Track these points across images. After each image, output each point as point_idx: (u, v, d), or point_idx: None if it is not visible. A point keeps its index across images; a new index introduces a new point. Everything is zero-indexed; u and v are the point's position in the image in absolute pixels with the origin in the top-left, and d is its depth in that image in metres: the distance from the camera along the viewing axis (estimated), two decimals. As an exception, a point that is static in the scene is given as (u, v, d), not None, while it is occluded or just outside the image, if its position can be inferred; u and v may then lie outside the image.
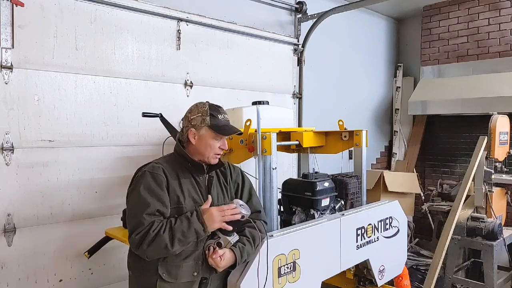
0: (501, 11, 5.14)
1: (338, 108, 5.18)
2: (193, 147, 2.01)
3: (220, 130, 2.00)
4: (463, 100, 5.13)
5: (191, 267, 1.91)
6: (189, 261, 1.90)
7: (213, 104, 2.05)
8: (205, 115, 1.98)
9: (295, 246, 2.05)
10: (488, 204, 4.07)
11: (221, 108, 2.07)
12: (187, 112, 2.05)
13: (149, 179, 1.88)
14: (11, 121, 2.59)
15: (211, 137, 1.99)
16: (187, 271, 1.90)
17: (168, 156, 2.08)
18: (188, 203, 1.93)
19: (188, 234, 1.82)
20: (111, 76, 3.04)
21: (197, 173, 2.03)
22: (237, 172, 2.21)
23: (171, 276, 1.88)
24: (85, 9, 2.88)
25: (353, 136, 2.80)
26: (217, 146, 2.01)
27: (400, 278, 2.87)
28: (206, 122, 1.97)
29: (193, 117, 2.00)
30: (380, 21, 6.05)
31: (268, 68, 4.17)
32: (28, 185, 2.67)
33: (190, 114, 2.03)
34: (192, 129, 1.99)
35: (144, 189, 1.86)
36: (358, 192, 2.80)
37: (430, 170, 6.04)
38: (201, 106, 2.02)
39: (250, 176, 2.32)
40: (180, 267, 1.89)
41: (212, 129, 1.98)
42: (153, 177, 1.89)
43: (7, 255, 2.60)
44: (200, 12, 3.54)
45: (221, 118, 2.01)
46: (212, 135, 1.99)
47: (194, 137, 1.99)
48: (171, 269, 1.88)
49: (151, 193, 1.85)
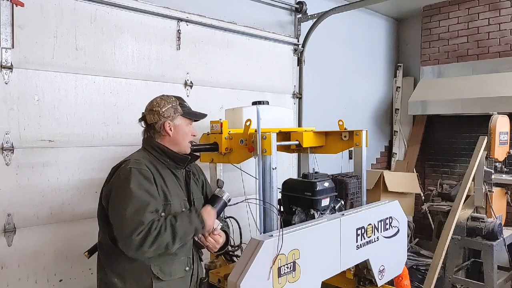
0: (501, 11, 5.14)
1: (338, 108, 5.18)
2: (170, 139, 2.01)
3: (194, 115, 2.07)
4: (463, 100, 5.13)
5: (183, 262, 1.96)
6: (181, 256, 1.96)
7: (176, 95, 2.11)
8: (175, 105, 2.02)
9: (295, 246, 2.05)
10: (488, 204, 4.06)
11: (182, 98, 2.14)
12: (153, 107, 2.01)
13: (138, 176, 1.83)
14: (11, 121, 2.59)
15: (185, 124, 2.04)
16: (180, 267, 1.95)
17: (142, 153, 2.01)
18: (174, 199, 1.95)
19: (188, 232, 1.85)
20: (111, 76, 3.04)
21: (175, 168, 2.04)
22: (197, 167, 2.30)
23: (165, 274, 1.89)
24: (85, 9, 2.88)
25: (353, 136, 2.80)
26: (190, 133, 2.06)
27: (400, 278, 2.87)
28: (178, 111, 2.01)
29: (165, 109, 1.99)
30: (380, 21, 6.05)
31: (268, 68, 4.17)
32: (28, 185, 2.67)
33: (159, 108, 1.99)
34: (168, 121, 1.99)
35: (137, 187, 1.80)
36: (358, 192, 2.79)
37: (430, 170, 6.04)
38: (168, 98, 2.04)
39: (250, 176, 2.34)
40: (173, 264, 1.92)
41: (186, 116, 2.03)
42: (142, 174, 1.85)
43: (7, 255, 2.60)
44: (200, 12, 3.54)
45: (187, 105, 2.08)
46: (186, 122, 2.04)
47: (170, 128, 1.99)
48: (165, 267, 1.90)
49: (146, 191, 1.82)
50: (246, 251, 1.95)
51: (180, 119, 2.03)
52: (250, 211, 2.90)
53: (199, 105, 3.54)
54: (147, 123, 2.03)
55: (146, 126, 2.05)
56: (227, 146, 2.59)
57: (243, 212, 2.96)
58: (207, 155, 2.80)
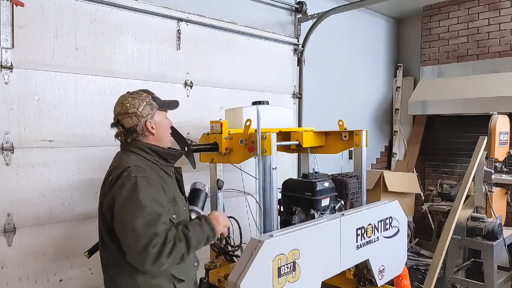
0: (501, 11, 5.14)
1: (338, 108, 5.18)
2: (154, 138, 1.93)
3: (169, 105, 2.00)
4: (463, 100, 5.13)
5: (192, 259, 1.99)
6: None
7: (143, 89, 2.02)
8: (150, 100, 1.92)
9: (295, 246, 2.05)
10: (488, 204, 4.07)
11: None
12: (128, 108, 1.87)
13: (146, 185, 1.73)
14: (11, 121, 2.59)
15: (163, 118, 1.98)
16: (191, 264, 1.98)
17: (134, 158, 1.88)
18: (178, 199, 1.94)
19: (201, 241, 1.84)
20: (111, 76, 3.03)
21: (167, 166, 1.97)
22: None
23: (183, 274, 1.91)
24: (85, 9, 2.88)
25: (353, 136, 2.80)
26: (169, 126, 2.02)
27: (400, 278, 2.87)
28: (155, 106, 1.92)
29: (141, 108, 1.88)
30: (380, 21, 6.05)
31: (268, 68, 4.16)
32: (28, 185, 2.67)
33: (135, 108, 1.87)
34: (148, 120, 1.89)
35: (146, 198, 1.70)
36: (358, 192, 2.80)
37: (430, 170, 6.04)
38: (139, 95, 1.91)
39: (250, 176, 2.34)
40: (187, 264, 1.94)
41: (162, 109, 1.96)
42: (149, 183, 1.75)
43: (7, 255, 2.60)
44: (200, 12, 3.54)
45: (157, 97, 1.99)
46: (163, 114, 1.97)
47: (153, 126, 1.91)
48: (182, 268, 1.91)
49: (155, 201, 1.73)
50: (246, 251, 1.95)
51: (158, 113, 1.93)
52: (250, 211, 2.91)
53: (199, 105, 3.55)
54: (125, 127, 1.89)
55: (125, 131, 1.90)
56: (227, 146, 2.59)
57: (243, 212, 2.96)
58: (207, 155, 2.80)
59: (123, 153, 1.94)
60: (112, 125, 1.95)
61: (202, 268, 2.79)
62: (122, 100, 1.92)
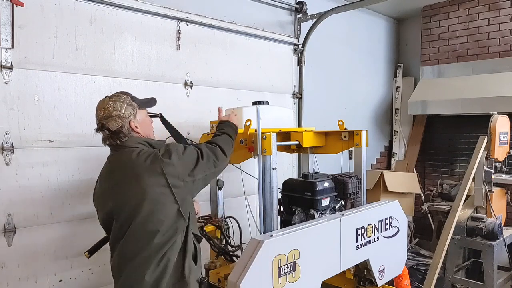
0: (501, 11, 5.14)
1: (338, 108, 5.18)
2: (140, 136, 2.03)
3: (148, 104, 2.10)
4: (463, 100, 5.13)
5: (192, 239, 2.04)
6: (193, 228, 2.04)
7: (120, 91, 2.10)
8: (130, 101, 1.99)
9: (295, 246, 2.05)
10: (488, 204, 4.06)
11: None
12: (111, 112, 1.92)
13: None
14: (11, 121, 2.59)
15: (144, 115, 2.07)
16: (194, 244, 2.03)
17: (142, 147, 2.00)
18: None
19: (232, 133, 2.29)
20: (111, 76, 3.04)
21: None
22: None
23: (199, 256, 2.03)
24: (85, 9, 2.89)
25: (353, 136, 2.79)
26: (150, 121, 2.12)
27: (400, 278, 2.87)
28: (135, 106, 1.99)
29: (123, 110, 1.94)
30: (380, 21, 6.05)
31: (268, 68, 4.17)
32: (28, 185, 2.67)
33: (118, 111, 1.92)
34: (131, 121, 1.97)
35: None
36: (358, 192, 2.79)
37: (430, 170, 6.04)
38: (119, 98, 1.98)
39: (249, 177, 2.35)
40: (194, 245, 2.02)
41: (143, 107, 2.05)
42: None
43: (7, 255, 2.60)
44: (200, 12, 3.54)
45: (134, 96, 2.06)
46: (145, 112, 2.07)
47: (135, 125, 1.98)
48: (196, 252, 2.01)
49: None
50: (246, 251, 1.95)
51: (139, 112, 2.02)
52: (250, 211, 2.91)
53: (199, 105, 3.55)
54: (111, 130, 1.94)
55: (111, 133, 1.95)
56: (227, 146, 2.58)
57: (243, 212, 2.97)
58: (207, 155, 2.79)
59: (126, 151, 1.94)
60: (97, 130, 1.99)
61: (202, 268, 2.79)
62: (103, 105, 1.96)
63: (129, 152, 1.93)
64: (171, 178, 1.86)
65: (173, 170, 1.87)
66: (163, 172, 1.85)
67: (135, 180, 1.86)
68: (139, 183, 1.84)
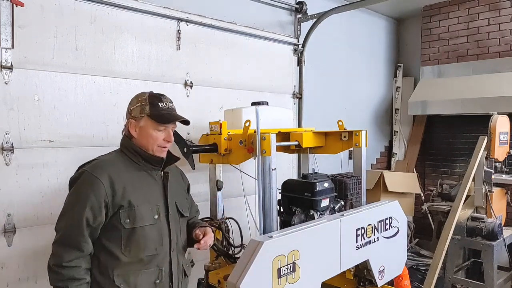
0: (501, 11, 5.14)
1: (338, 108, 5.18)
2: (136, 141, 1.87)
3: (160, 118, 1.83)
4: (463, 100, 5.13)
5: (152, 274, 1.82)
6: (151, 267, 1.82)
7: (154, 93, 1.91)
8: (144, 104, 1.84)
9: (295, 247, 2.05)
10: (488, 204, 4.07)
11: (163, 96, 1.92)
12: (128, 104, 1.90)
13: (86, 183, 1.77)
14: (11, 121, 2.59)
15: (152, 127, 1.84)
16: (147, 278, 1.81)
17: (113, 154, 1.92)
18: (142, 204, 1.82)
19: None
20: (111, 76, 3.03)
21: (152, 169, 1.90)
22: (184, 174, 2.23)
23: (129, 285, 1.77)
24: (85, 9, 2.88)
25: (352, 136, 2.80)
26: (160, 137, 1.85)
27: (400, 278, 2.87)
28: (145, 111, 1.83)
29: (133, 107, 1.86)
30: (380, 21, 6.04)
31: (268, 68, 4.16)
32: (28, 185, 2.67)
33: (130, 105, 1.88)
34: (132, 121, 1.85)
35: (78, 196, 1.78)
36: (358, 192, 2.79)
37: (430, 170, 6.04)
38: (141, 96, 1.88)
39: (249, 177, 2.34)
40: (139, 275, 1.79)
41: (152, 118, 1.82)
42: (91, 182, 1.76)
43: (7, 255, 2.60)
44: (200, 12, 3.54)
45: (162, 106, 1.85)
46: (153, 125, 1.83)
47: (135, 129, 1.85)
48: (130, 278, 1.78)
49: (85, 202, 1.75)
50: (246, 252, 1.95)
51: (145, 120, 1.84)
52: (250, 212, 2.91)
53: (199, 105, 3.55)
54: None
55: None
56: (226, 147, 2.59)
57: (242, 212, 2.97)
58: (206, 156, 2.80)
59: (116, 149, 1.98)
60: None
61: (201, 268, 2.79)
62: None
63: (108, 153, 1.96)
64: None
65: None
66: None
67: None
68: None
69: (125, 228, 1.77)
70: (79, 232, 1.72)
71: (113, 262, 1.77)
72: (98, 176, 1.76)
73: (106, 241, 1.78)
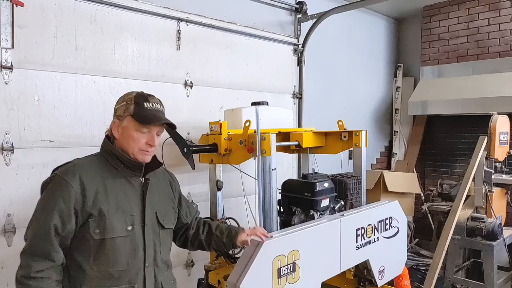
0: (501, 11, 5.14)
1: (338, 108, 5.18)
2: (117, 143, 1.74)
3: (142, 119, 1.70)
4: (463, 100, 5.13)
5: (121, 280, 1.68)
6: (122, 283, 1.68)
7: (143, 93, 1.80)
8: (129, 104, 1.72)
9: (295, 247, 2.05)
10: (488, 204, 4.07)
11: (152, 96, 1.81)
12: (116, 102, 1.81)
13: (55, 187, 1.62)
14: (11, 121, 2.59)
15: (134, 128, 1.71)
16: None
17: (93, 156, 1.78)
18: (115, 214, 1.67)
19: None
20: (111, 76, 3.03)
21: (131, 175, 1.76)
22: (175, 180, 2.05)
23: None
24: (85, 9, 2.88)
25: (352, 136, 2.80)
26: (142, 140, 1.72)
27: (400, 278, 2.87)
28: (129, 111, 1.71)
29: (118, 106, 1.75)
30: (380, 21, 6.04)
31: (268, 68, 4.16)
32: (28, 185, 2.67)
33: (116, 104, 1.77)
34: (116, 120, 1.74)
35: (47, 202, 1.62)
36: (358, 192, 2.79)
37: (430, 170, 6.04)
38: (128, 95, 1.77)
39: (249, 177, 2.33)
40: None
41: (134, 118, 1.70)
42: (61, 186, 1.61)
43: (7, 255, 2.60)
44: (200, 12, 3.54)
45: (147, 106, 1.73)
46: (136, 126, 1.70)
47: (117, 129, 1.73)
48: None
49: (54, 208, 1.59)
50: (246, 252, 1.95)
51: (128, 120, 1.71)
52: (250, 212, 2.91)
53: (199, 105, 3.55)
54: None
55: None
56: (226, 147, 2.59)
57: (242, 212, 2.97)
58: (206, 156, 2.80)
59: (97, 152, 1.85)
60: None
61: (201, 269, 2.79)
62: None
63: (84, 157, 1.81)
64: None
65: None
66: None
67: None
68: None
69: (94, 239, 1.63)
70: (48, 240, 1.59)
71: (81, 276, 1.64)
72: (68, 181, 1.62)
73: (76, 253, 1.65)
